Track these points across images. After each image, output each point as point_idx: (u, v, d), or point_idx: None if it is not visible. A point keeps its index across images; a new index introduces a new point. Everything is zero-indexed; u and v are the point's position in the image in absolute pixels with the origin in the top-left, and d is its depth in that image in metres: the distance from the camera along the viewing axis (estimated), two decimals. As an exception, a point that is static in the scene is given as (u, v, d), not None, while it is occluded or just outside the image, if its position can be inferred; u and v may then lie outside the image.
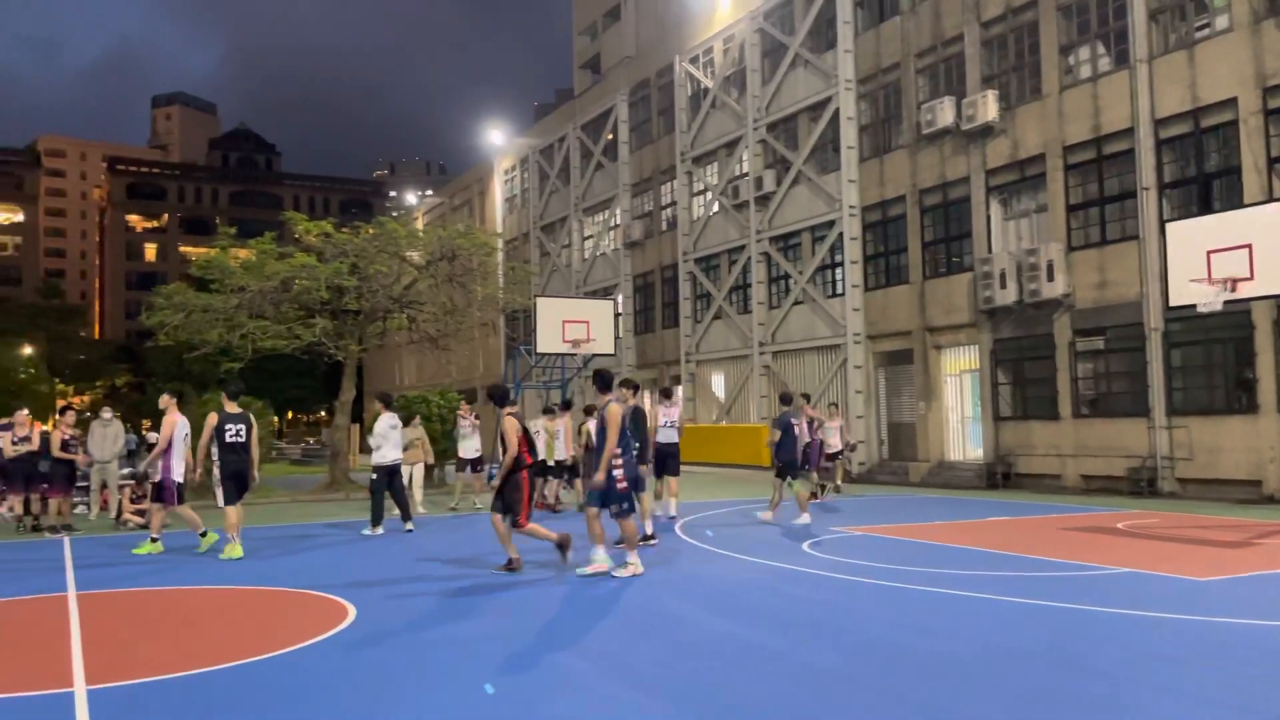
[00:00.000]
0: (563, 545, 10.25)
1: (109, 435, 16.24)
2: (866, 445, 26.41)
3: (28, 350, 58.44)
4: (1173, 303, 14.21)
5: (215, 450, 11.60)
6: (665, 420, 16.01)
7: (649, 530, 12.18)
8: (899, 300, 25.75)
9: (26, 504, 15.07)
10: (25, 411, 15.86)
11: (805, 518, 14.58)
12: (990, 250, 23.07)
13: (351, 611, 8.02)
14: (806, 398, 20.91)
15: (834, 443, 20.02)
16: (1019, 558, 10.79)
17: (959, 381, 24.79)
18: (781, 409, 15.47)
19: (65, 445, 14.92)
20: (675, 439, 15.94)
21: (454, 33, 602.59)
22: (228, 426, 11.63)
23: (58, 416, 15.48)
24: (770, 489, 15.36)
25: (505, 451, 9.92)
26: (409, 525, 14.26)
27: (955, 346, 24.52)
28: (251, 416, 12.03)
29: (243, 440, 11.70)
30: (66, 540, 13.62)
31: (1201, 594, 8.51)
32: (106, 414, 16.76)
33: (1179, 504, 17.49)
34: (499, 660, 6.39)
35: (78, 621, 7.81)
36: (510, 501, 9.97)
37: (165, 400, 12.31)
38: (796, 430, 15.00)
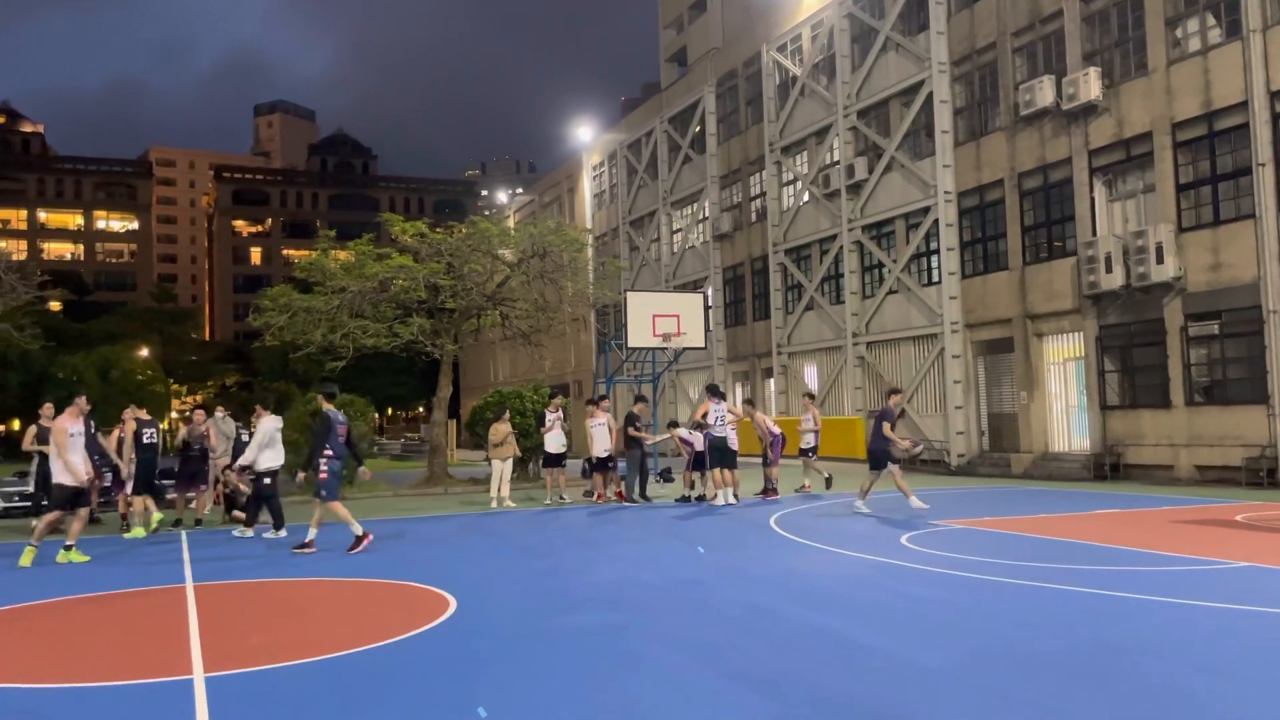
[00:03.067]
0: None
1: (223, 432, 16.93)
2: (966, 436, 25.82)
3: (144, 352, 61.25)
4: (1293, 284, 13.57)
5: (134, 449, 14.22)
6: (715, 417, 16.63)
7: (310, 537, 11.73)
8: (998, 287, 25.06)
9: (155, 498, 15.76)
10: (143, 411, 16.66)
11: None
12: (1094, 233, 22.27)
13: (453, 603, 8.18)
14: (811, 396, 21.39)
15: (808, 438, 19.45)
16: (1130, 551, 10.42)
17: (1062, 370, 24.02)
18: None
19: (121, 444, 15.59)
20: (726, 433, 16.52)
21: (541, 33, 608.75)
22: (144, 430, 14.40)
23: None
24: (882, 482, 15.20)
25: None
26: (247, 532, 13.72)
27: (1058, 334, 23.75)
28: (159, 423, 14.76)
29: (154, 442, 14.48)
30: (184, 534, 14.22)
31: (1330, 590, 8.09)
32: (220, 412, 17.48)
33: (1303, 495, 16.67)
34: (599, 653, 6.44)
35: (195, 612, 8.15)
36: None
37: (47, 409, 13.64)
38: (767, 426, 18.06)
